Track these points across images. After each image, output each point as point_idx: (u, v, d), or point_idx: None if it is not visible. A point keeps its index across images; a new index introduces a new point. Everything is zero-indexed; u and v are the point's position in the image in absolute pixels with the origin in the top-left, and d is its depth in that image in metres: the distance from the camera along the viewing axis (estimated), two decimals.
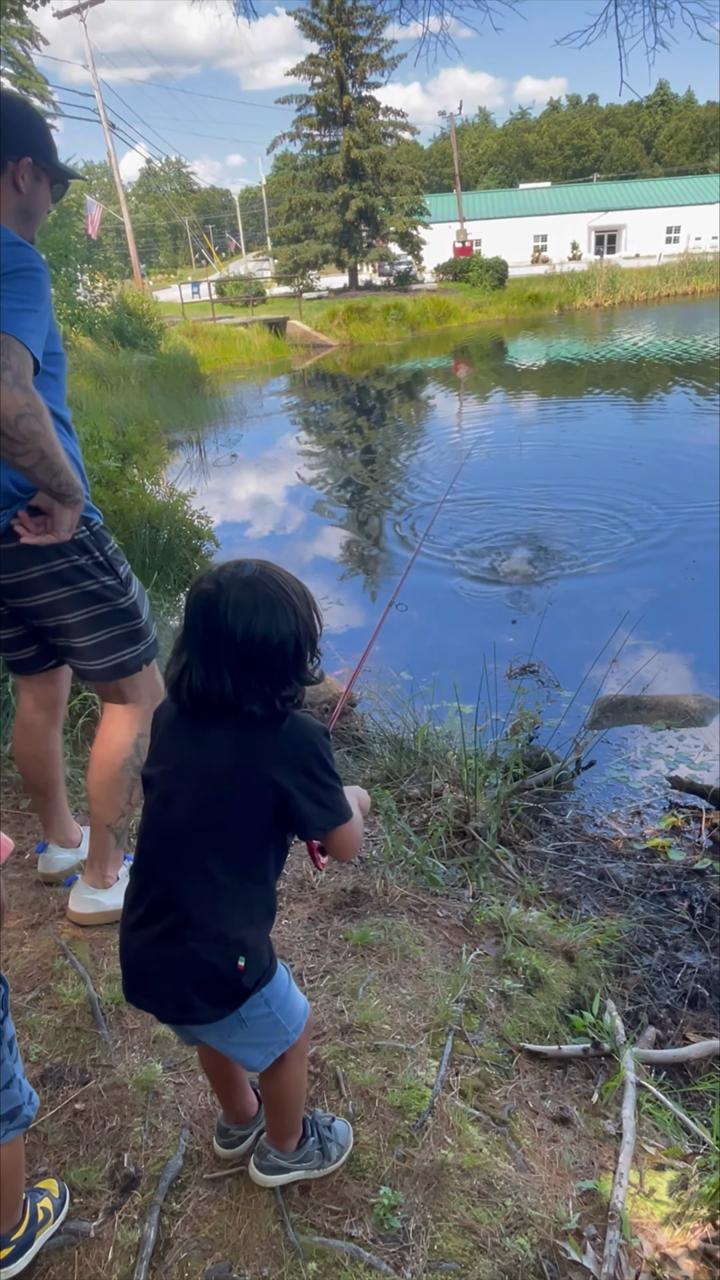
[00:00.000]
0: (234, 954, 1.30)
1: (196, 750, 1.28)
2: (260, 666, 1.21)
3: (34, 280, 1.68)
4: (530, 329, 29.25)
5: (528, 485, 9.37)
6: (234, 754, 1.26)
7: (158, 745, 1.36)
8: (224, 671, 1.21)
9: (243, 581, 1.22)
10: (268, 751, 1.25)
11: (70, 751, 3.34)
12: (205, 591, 1.23)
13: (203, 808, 1.28)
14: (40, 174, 1.85)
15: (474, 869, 2.91)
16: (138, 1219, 1.57)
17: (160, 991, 1.35)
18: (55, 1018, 2.04)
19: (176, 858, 1.30)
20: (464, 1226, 1.60)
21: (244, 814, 1.28)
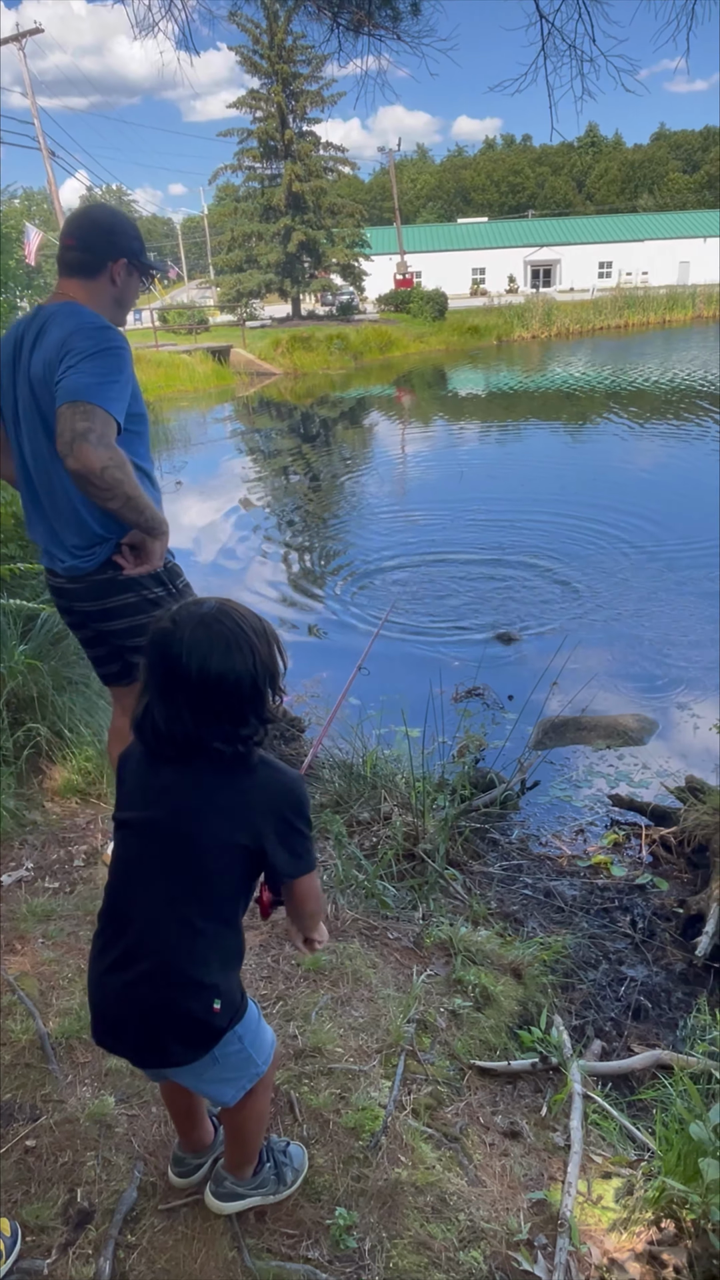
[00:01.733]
0: (209, 998, 1.31)
1: (170, 795, 1.29)
2: (218, 705, 1.21)
3: (117, 356, 2.09)
4: (470, 359, 29.93)
5: (469, 508, 9.57)
6: (209, 799, 1.27)
7: (129, 789, 1.36)
8: (183, 710, 1.21)
9: (198, 619, 1.22)
10: (245, 797, 1.27)
11: (15, 784, 3.30)
12: (162, 630, 1.22)
13: (179, 854, 1.28)
14: (132, 270, 2.28)
15: (423, 890, 2.95)
16: (92, 1254, 1.56)
17: (135, 1037, 1.35)
18: (4, 1054, 2.01)
19: (152, 904, 1.30)
20: (419, 1243, 1.63)
21: (221, 861, 1.29)
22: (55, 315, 2.14)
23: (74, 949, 2.42)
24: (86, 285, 2.22)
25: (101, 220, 2.24)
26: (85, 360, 2.03)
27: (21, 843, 3.04)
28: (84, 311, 2.15)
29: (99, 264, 2.21)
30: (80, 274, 2.21)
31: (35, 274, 26.02)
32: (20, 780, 3.33)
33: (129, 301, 2.33)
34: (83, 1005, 2.17)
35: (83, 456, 1.95)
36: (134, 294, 2.33)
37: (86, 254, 2.19)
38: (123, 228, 2.24)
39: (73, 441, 1.95)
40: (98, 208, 2.31)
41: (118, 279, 2.25)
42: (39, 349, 2.12)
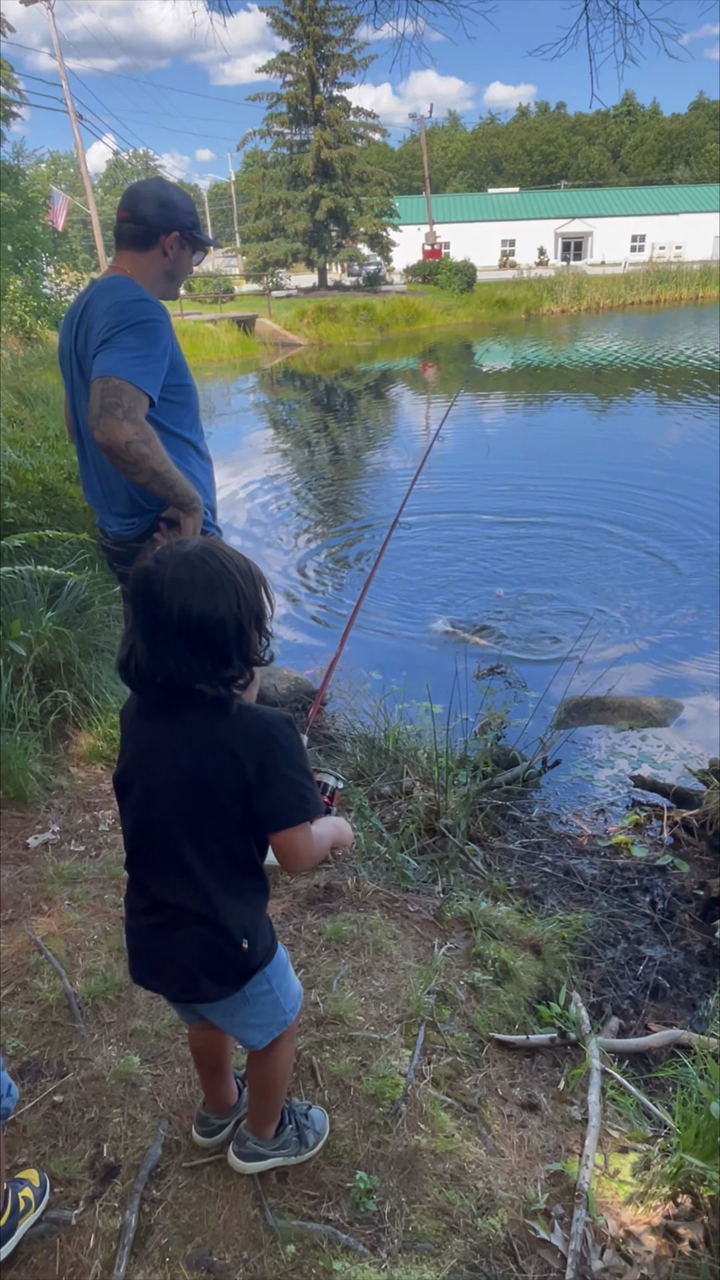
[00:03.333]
0: (236, 937, 1.34)
1: (162, 744, 1.29)
2: (200, 644, 1.18)
3: (153, 329, 2.10)
4: (498, 333, 29.51)
5: (493, 483, 9.49)
6: (197, 746, 1.26)
7: (125, 740, 1.37)
8: (165, 650, 1.18)
9: (181, 557, 1.19)
10: (227, 741, 1.25)
11: (41, 748, 3.33)
12: (144, 569, 1.20)
13: (178, 804, 1.29)
14: (184, 244, 2.28)
15: (444, 865, 2.97)
16: (118, 1207, 1.59)
17: (169, 974, 1.40)
18: (32, 1012, 2.05)
19: (164, 854, 1.32)
20: (437, 1208, 1.65)
21: (217, 806, 1.28)
22: (100, 289, 2.20)
23: (99, 911, 2.45)
24: (138, 258, 2.25)
25: (155, 193, 2.25)
26: (119, 334, 2.07)
27: (48, 806, 3.08)
28: (123, 285, 2.17)
29: (151, 236, 2.23)
30: (133, 246, 2.24)
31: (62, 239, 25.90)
32: (47, 745, 3.37)
33: (181, 275, 2.35)
34: (108, 967, 2.21)
35: (108, 430, 2.00)
36: (186, 268, 2.35)
37: (139, 226, 2.22)
38: (176, 201, 2.26)
39: (100, 416, 2.00)
40: (153, 181, 2.31)
41: (169, 252, 2.26)
42: (83, 322, 2.21)
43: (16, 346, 12.50)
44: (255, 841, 1.35)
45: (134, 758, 1.34)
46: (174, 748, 1.28)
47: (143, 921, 1.38)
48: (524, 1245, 1.61)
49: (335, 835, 1.42)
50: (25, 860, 2.74)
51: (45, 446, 5.60)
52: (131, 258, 2.25)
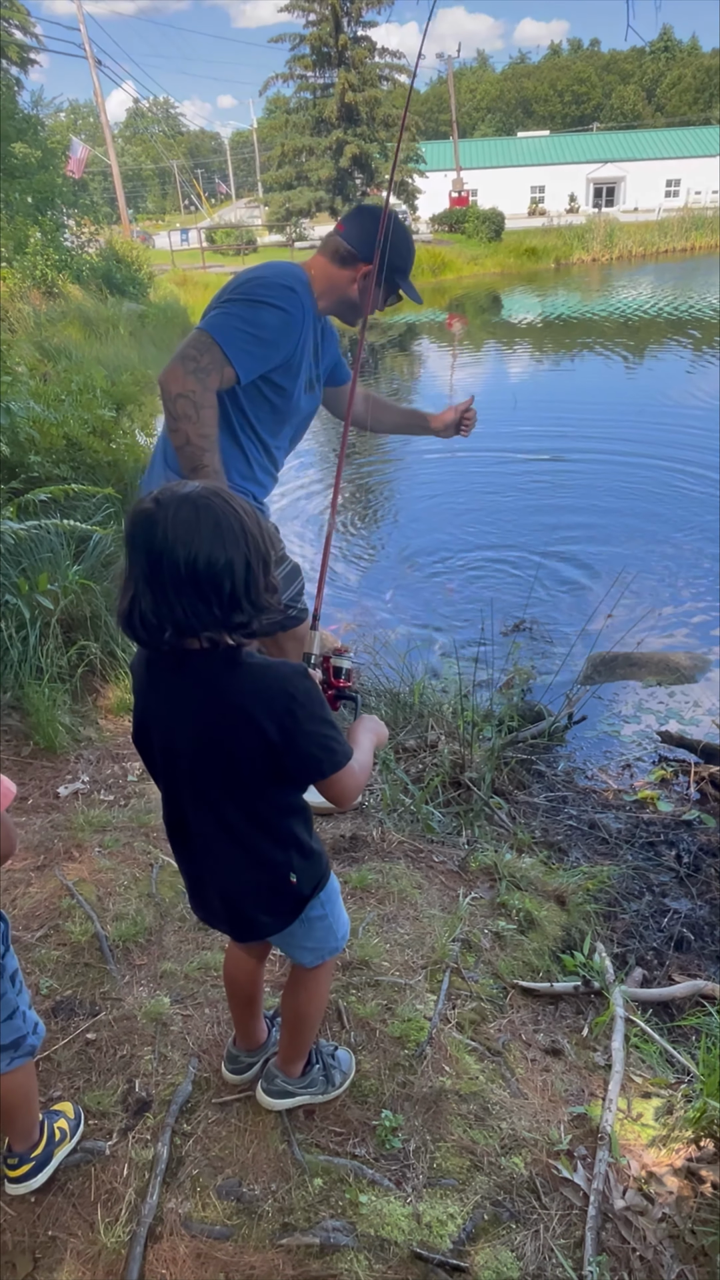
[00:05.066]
0: (283, 873, 1.36)
1: (175, 702, 1.25)
2: (208, 589, 1.12)
3: (272, 313, 2.03)
4: (526, 283, 28.77)
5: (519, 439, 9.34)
6: (211, 707, 1.22)
7: (137, 694, 1.33)
8: (170, 596, 1.11)
9: (182, 498, 1.12)
10: (241, 702, 1.20)
11: (70, 700, 3.37)
12: (144, 510, 1.12)
13: (199, 761, 1.27)
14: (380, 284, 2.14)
15: (469, 817, 2.97)
16: (150, 1139, 1.64)
17: (225, 916, 1.44)
18: (64, 954, 2.09)
19: (195, 805, 1.33)
20: (462, 1147, 1.68)
21: (240, 764, 1.25)
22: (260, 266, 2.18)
23: (129, 859, 2.49)
24: (329, 270, 2.19)
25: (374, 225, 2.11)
26: (237, 304, 2.03)
27: (77, 757, 3.12)
28: (284, 271, 2.12)
29: (350, 259, 2.15)
30: (332, 258, 2.18)
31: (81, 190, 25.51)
32: (75, 697, 3.40)
33: (362, 309, 2.22)
34: (138, 912, 2.26)
35: (170, 374, 1.95)
36: (367, 304, 2.19)
37: (344, 244, 2.15)
38: (400, 241, 2.15)
39: (174, 358, 1.96)
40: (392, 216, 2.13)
41: (354, 278, 2.18)
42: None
43: (39, 300, 12.40)
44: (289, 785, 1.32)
45: (148, 713, 1.31)
46: (187, 707, 1.23)
47: (190, 867, 1.42)
48: (547, 1183, 1.63)
49: (373, 746, 1.41)
50: (56, 809, 2.79)
51: (69, 401, 5.57)
52: (323, 265, 2.19)
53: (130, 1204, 1.52)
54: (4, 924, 1.39)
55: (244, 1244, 1.47)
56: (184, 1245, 1.46)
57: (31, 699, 3.15)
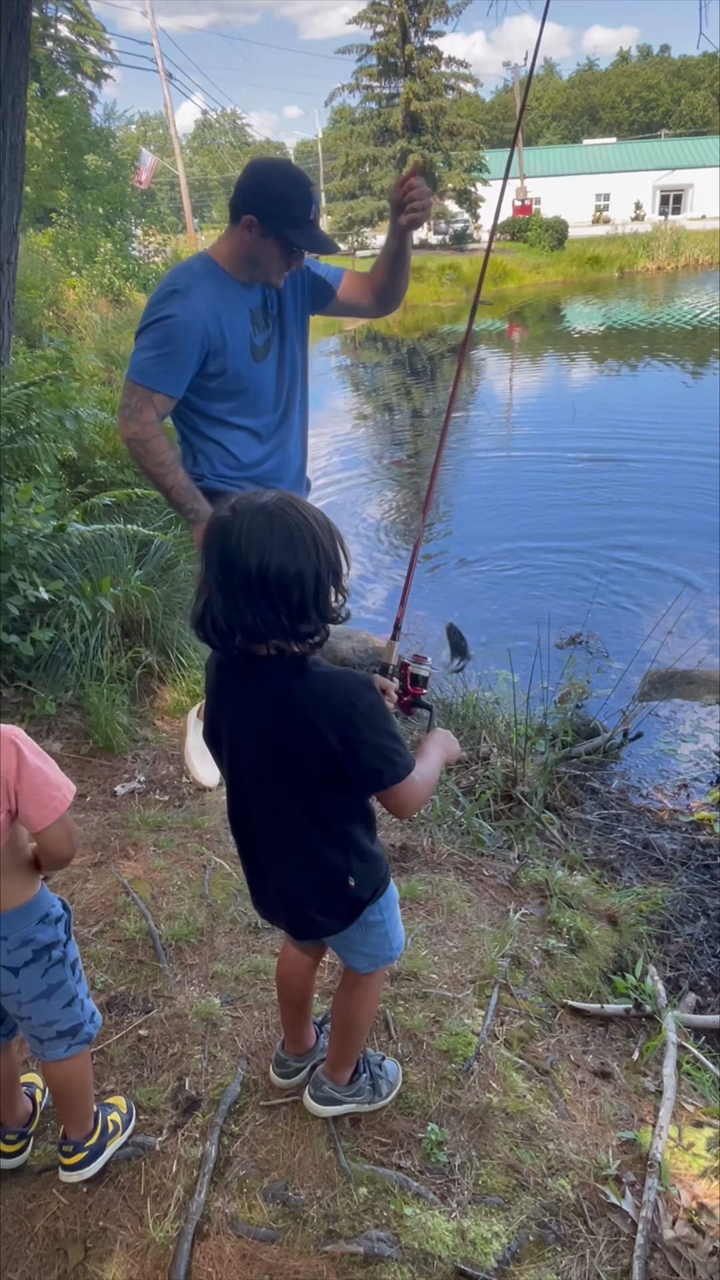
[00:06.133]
0: (343, 876, 1.38)
1: (243, 704, 1.29)
2: (277, 598, 1.14)
3: (164, 327, 2.13)
4: (589, 292, 28.46)
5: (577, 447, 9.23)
6: (275, 713, 1.24)
7: (210, 694, 1.37)
8: (242, 603, 1.15)
9: (258, 508, 1.15)
10: (305, 710, 1.22)
11: (128, 701, 3.44)
12: (221, 519, 1.16)
13: (263, 764, 1.30)
14: (266, 234, 2.12)
15: (519, 832, 2.95)
16: (199, 1137, 1.67)
17: (286, 914, 1.47)
18: (119, 950, 2.14)
19: (260, 804, 1.35)
20: (508, 1165, 1.67)
21: (303, 770, 1.27)
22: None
23: (182, 859, 2.53)
24: (227, 232, 2.20)
25: (256, 172, 2.14)
26: (139, 334, 2.19)
27: (134, 757, 3.18)
28: (170, 275, 2.22)
29: (235, 213, 2.13)
30: (230, 219, 2.18)
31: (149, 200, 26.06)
32: (133, 698, 3.47)
33: (266, 263, 2.18)
34: (191, 912, 2.29)
35: (118, 426, 2.24)
36: (271, 257, 2.16)
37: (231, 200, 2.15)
38: (268, 186, 2.10)
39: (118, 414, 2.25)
40: (276, 162, 2.18)
41: (246, 235, 2.13)
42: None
43: (106, 309, 12.71)
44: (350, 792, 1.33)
45: (218, 711, 1.36)
46: (254, 710, 1.27)
47: (252, 864, 1.45)
48: (594, 1208, 1.61)
49: (441, 761, 1.42)
50: (113, 806, 2.85)
51: None
52: (225, 233, 2.21)
53: (179, 1201, 1.54)
54: (67, 914, 1.44)
55: (289, 1248, 1.49)
56: (230, 1245, 1.48)
57: (91, 699, 3.23)
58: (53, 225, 15.71)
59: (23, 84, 3.63)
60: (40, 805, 1.25)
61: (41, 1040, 1.45)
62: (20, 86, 3.60)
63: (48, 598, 3.18)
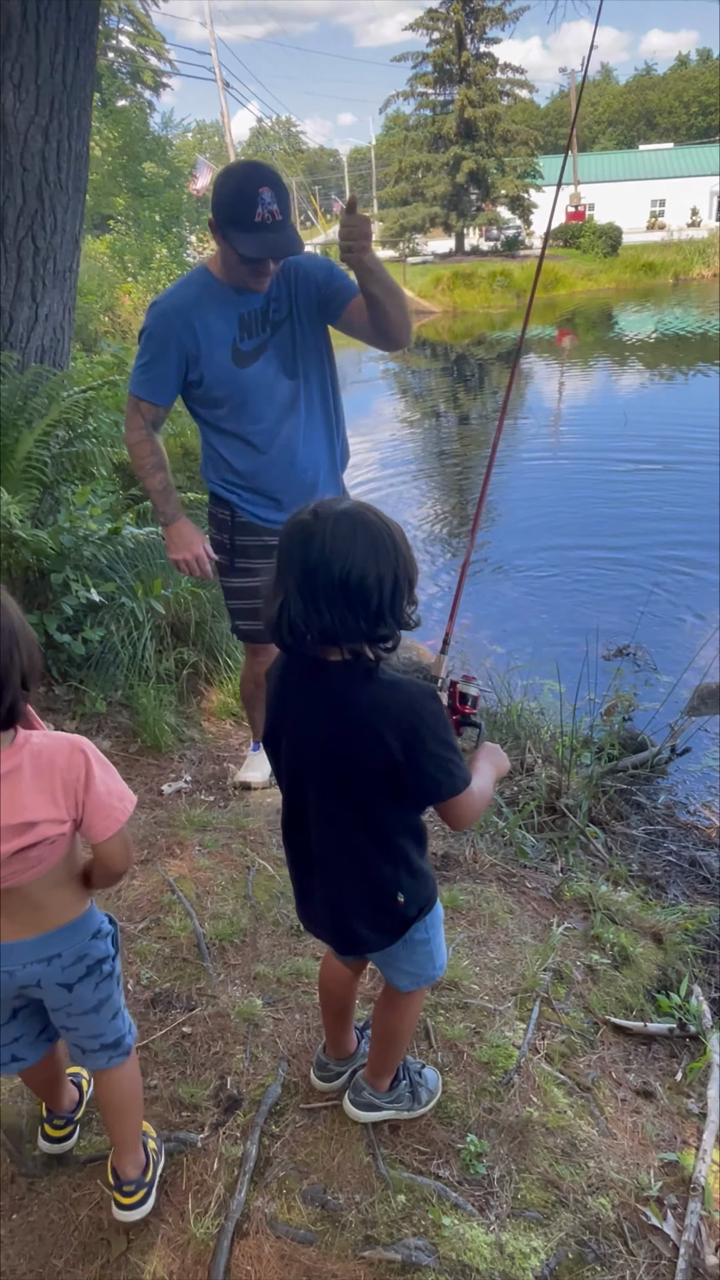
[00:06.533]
0: (391, 890, 1.38)
1: (307, 710, 1.29)
2: (358, 601, 1.15)
3: (145, 338, 2.30)
4: (642, 299, 28.11)
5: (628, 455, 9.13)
6: (341, 719, 1.25)
7: (272, 699, 1.37)
8: (322, 605, 1.15)
9: (340, 513, 1.17)
10: (370, 718, 1.23)
11: (175, 702, 3.49)
12: (302, 523, 1.18)
13: (323, 771, 1.31)
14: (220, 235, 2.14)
15: (563, 845, 2.93)
16: (240, 1137, 1.68)
17: (330, 927, 1.47)
18: (164, 947, 2.17)
19: (315, 812, 1.36)
20: (547, 1180, 1.66)
21: (362, 778, 1.27)
22: None
23: (227, 860, 2.56)
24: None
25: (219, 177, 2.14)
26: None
27: (180, 757, 3.23)
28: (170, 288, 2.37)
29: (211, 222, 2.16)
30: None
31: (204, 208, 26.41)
32: (180, 699, 3.53)
33: (233, 268, 2.20)
34: (235, 912, 2.32)
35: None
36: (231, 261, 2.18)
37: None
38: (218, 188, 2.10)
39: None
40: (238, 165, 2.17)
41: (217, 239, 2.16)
42: None
43: None
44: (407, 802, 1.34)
45: (280, 717, 1.35)
46: (318, 716, 1.28)
47: (301, 874, 1.45)
48: (635, 1229, 1.59)
49: (494, 775, 1.42)
50: (160, 805, 2.90)
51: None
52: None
53: (219, 1198, 1.56)
54: (114, 927, 1.44)
55: (327, 1251, 1.49)
56: (269, 1245, 1.50)
57: (140, 699, 3.28)
58: (110, 232, 16.01)
59: (89, 96, 3.72)
60: (105, 815, 1.24)
61: (85, 1051, 1.44)
62: (86, 99, 3.69)
63: (99, 599, 3.24)
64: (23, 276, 3.60)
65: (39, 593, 3.27)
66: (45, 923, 1.31)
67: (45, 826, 1.20)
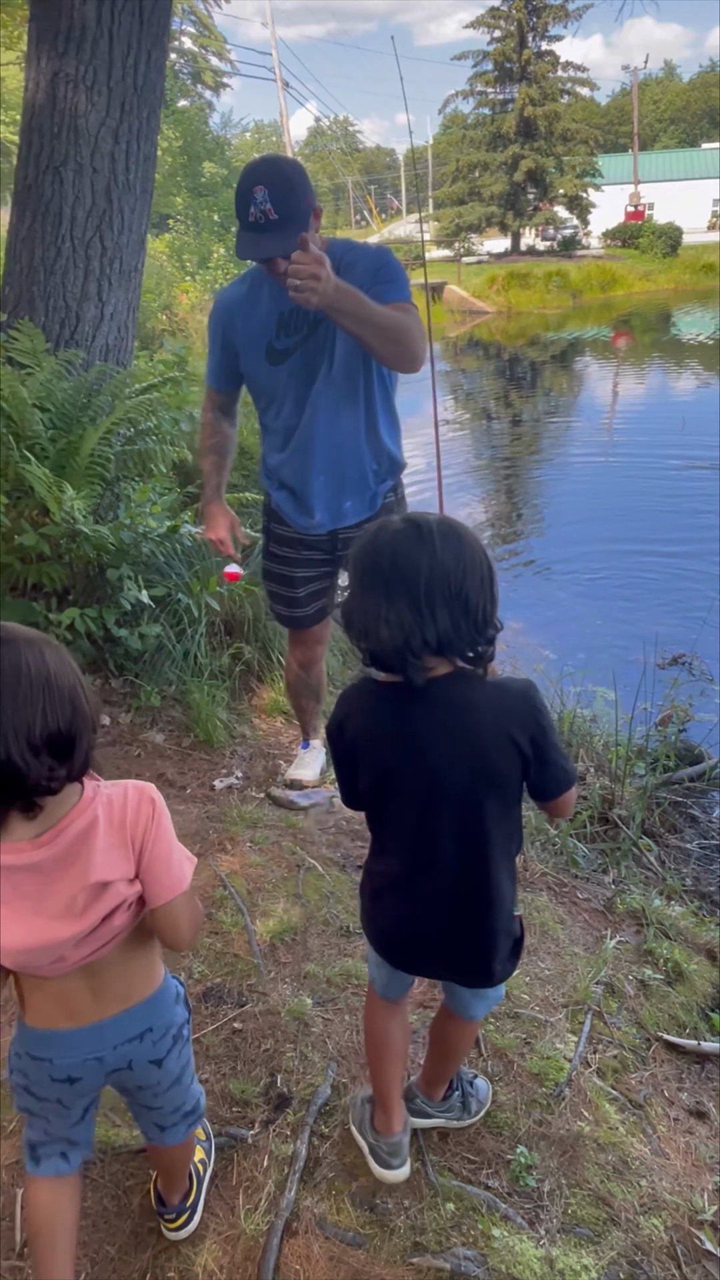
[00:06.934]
0: (510, 909, 1.34)
1: (431, 729, 1.21)
2: (469, 605, 1.14)
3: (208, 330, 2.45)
4: (702, 300, 27.56)
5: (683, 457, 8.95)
6: (472, 726, 1.21)
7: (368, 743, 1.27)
8: (439, 613, 1.12)
9: (439, 520, 1.16)
10: (496, 718, 1.20)
11: (228, 698, 3.52)
12: (401, 532, 1.15)
13: (474, 788, 1.23)
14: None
15: (615, 856, 2.89)
16: (290, 1135, 1.69)
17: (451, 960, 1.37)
18: (216, 942, 2.20)
19: (451, 839, 1.26)
20: (598, 1197, 1.63)
21: (499, 784, 1.23)
22: None
23: (277, 857, 2.58)
24: None
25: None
26: None
27: (232, 753, 3.26)
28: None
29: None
30: None
31: None
32: (233, 695, 3.55)
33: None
34: (286, 910, 2.33)
35: None
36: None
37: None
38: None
39: None
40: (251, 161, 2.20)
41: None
42: None
43: None
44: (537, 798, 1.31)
45: (387, 757, 1.25)
46: (446, 738, 1.21)
47: (412, 909, 1.33)
48: (688, 1253, 1.56)
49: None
50: (211, 800, 2.93)
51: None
52: None
53: (269, 1195, 1.57)
54: (188, 1011, 1.34)
55: (375, 1255, 1.49)
56: (318, 1245, 1.50)
57: (193, 694, 3.32)
58: (169, 231, 16.23)
59: (159, 99, 3.77)
60: (167, 872, 1.12)
61: (164, 1128, 1.35)
62: (156, 101, 3.74)
63: (150, 600, 3.28)
64: (90, 276, 3.66)
65: (98, 587, 3.33)
66: (132, 995, 1.21)
67: (120, 886, 1.09)
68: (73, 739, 1.00)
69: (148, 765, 3.06)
